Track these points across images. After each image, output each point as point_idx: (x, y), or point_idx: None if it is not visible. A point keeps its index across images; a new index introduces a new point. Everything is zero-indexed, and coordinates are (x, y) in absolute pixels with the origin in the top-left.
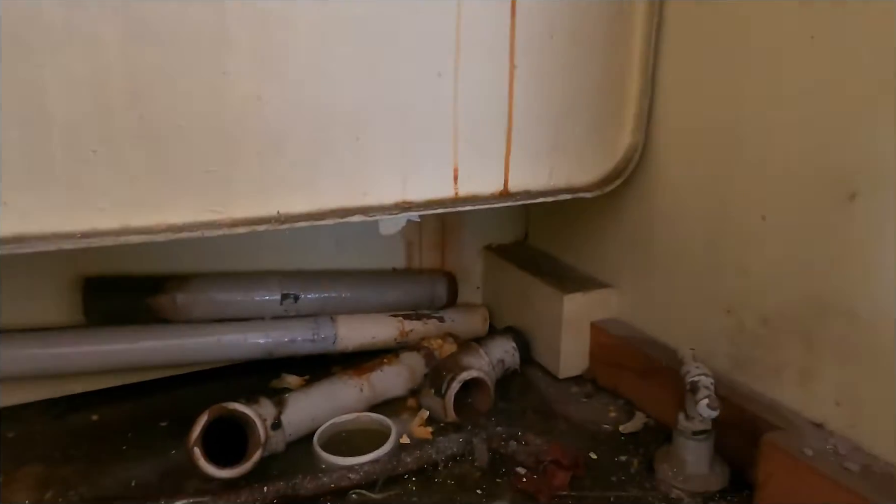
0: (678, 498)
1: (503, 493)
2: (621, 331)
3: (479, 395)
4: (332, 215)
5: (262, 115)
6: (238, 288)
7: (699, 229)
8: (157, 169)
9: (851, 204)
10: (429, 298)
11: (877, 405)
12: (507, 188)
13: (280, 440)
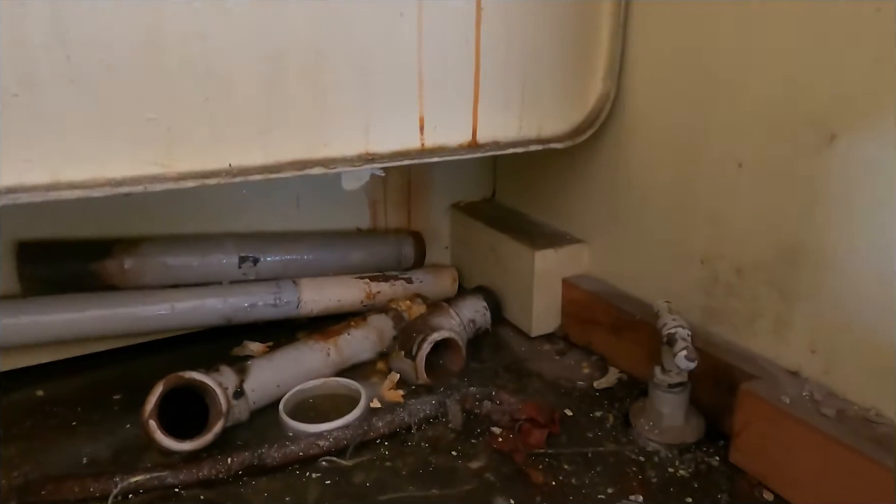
0: (655, 451)
1: (479, 453)
2: (593, 286)
3: (450, 356)
4: (290, 168)
5: (207, 56)
6: (192, 251)
7: (673, 180)
8: (90, 116)
9: (829, 148)
10: (395, 259)
11: (850, 351)
12: (476, 139)
13: (243, 409)
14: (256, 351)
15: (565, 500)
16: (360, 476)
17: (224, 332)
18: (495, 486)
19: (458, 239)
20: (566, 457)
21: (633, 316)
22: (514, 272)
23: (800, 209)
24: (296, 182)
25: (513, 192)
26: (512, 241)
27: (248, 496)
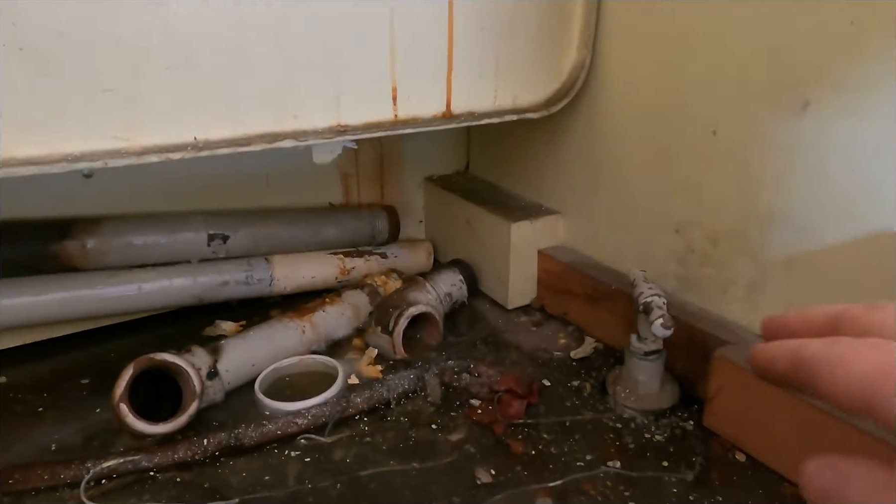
0: (631, 417)
1: (459, 426)
2: (569, 257)
3: (427, 331)
4: (259, 141)
5: (167, 22)
6: (158, 229)
7: (648, 149)
8: (43, 87)
9: (804, 114)
10: (369, 234)
11: None
12: (450, 109)
13: (218, 389)
14: (229, 330)
15: (545, 468)
16: (339, 453)
17: (195, 311)
18: (476, 457)
19: (433, 212)
20: (545, 426)
21: (609, 286)
22: (489, 245)
23: (774, 176)
24: (265, 157)
25: (487, 165)
26: (487, 214)
27: (225, 477)
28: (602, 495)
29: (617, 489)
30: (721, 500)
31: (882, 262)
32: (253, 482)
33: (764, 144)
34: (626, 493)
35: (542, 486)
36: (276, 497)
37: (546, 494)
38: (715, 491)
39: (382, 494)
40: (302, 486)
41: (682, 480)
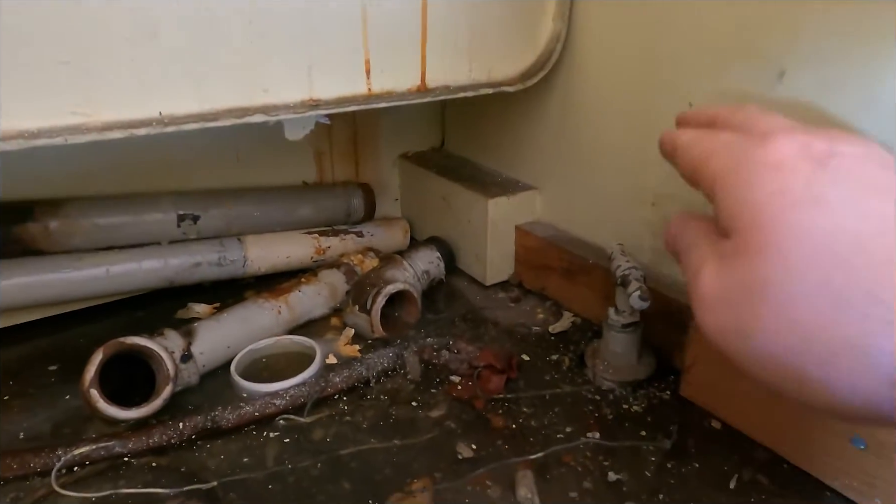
0: (609, 389)
1: (439, 402)
2: (546, 233)
3: (405, 309)
4: (228, 115)
5: None
6: (125, 210)
7: (624, 122)
8: None
9: (779, 83)
10: (345, 213)
11: None
12: (425, 83)
13: (193, 372)
14: (203, 313)
15: (525, 441)
16: (319, 432)
17: (166, 294)
18: (456, 432)
19: (409, 190)
20: (525, 400)
21: (586, 260)
22: (466, 222)
23: None
24: (235, 134)
25: (462, 141)
26: (464, 190)
27: (203, 460)
28: (582, 466)
29: (596, 459)
30: (697, 467)
31: None
32: (231, 464)
33: None
34: (606, 462)
35: (523, 459)
36: (256, 478)
37: (527, 467)
38: (691, 458)
39: (363, 472)
40: (282, 467)
41: (659, 448)
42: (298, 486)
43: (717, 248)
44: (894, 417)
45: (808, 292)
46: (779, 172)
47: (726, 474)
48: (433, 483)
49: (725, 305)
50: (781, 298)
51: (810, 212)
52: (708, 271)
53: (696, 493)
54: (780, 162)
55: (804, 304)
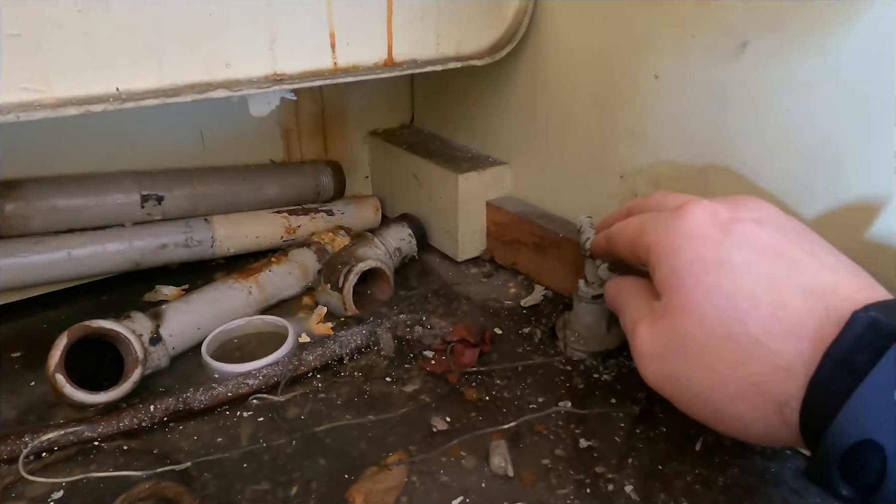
0: (580, 359)
1: (413, 377)
2: (517, 208)
3: (378, 286)
4: (189, 91)
5: None
6: (86, 192)
7: (592, 95)
8: None
9: (741, 55)
10: (314, 191)
11: None
12: (392, 57)
13: (162, 355)
14: (171, 295)
15: (499, 412)
16: (294, 410)
17: (133, 277)
18: (431, 406)
19: (379, 167)
20: (498, 372)
21: (556, 234)
22: (437, 198)
23: (713, 118)
24: (198, 111)
25: (432, 117)
26: (434, 167)
27: (175, 441)
28: (554, 434)
29: (568, 427)
30: (665, 431)
31: (813, 196)
32: (205, 445)
33: (703, 86)
34: (577, 430)
35: (497, 429)
36: (231, 458)
37: (500, 436)
38: (659, 422)
39: (339, 448)
40: (256, 446)
41: (628, 415)
42: (274, 464)
43: (650, 307)
44: (785, 438)
45: (716, 344)
46: (694, 241)
47: (692, 437)
48: (408, 456)
49: (658, 356)
50: (698, 349)
51: (718, 275)
52: (642, 328)
53: (664, 456)
54: (694, 231)
55: (714, 354)
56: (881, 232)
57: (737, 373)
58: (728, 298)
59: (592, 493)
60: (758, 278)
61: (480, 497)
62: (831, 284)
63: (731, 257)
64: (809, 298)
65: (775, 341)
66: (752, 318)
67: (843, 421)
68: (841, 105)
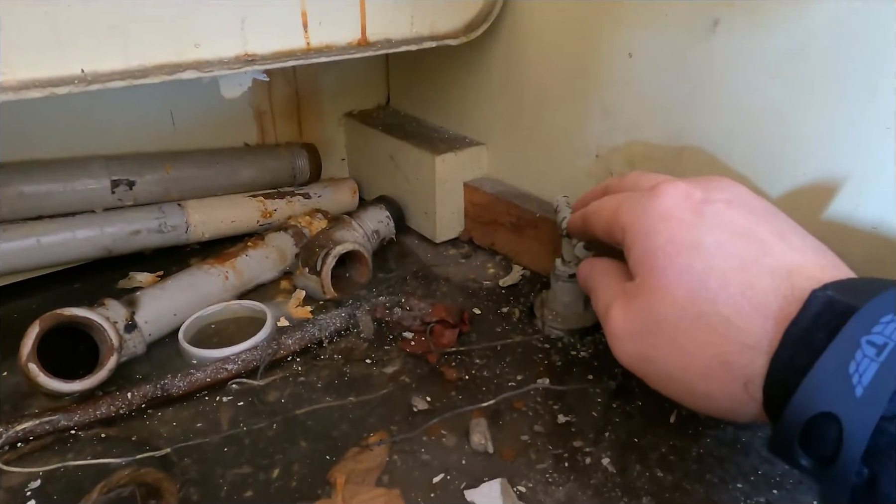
0: (558, 337)
1: (393, 359)
2: (494, 188)
3: (356, 269)
4: (157, 72)
5: None
6: (53, 177)
7: (567, 74)
8: None
9: (713, 33)
10: (290, 174)
11: None
12: (366, 36)
13: (138, 342)
14: (145, 282)
15: (478, 390)
16: (274, 394)
17: (105, 265)
18: (411, 386)
19: (355, 149)
20: (477, 352)
21: (534, 214)
22: (414, 179)
23: (686, 96)
24: (169, 95)
25: (408, 98)
26: (411, 148)
27: (154, 428)
28: (532, 410)
29: (546, 403)
30: (641, 405)
31: (780, 175)
32: (185, 430)
33: (676, 65)
34: (555, 406)
35: (476, 407)
36: (211, 442)
37: (480, 414)
38: (635, 397)
39: (320, 430)
40: (237, 430)
41: (605, 390)
42: (255, 447)
43: (623, 289)
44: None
45: (688, 324)
46: (667, 222)
47: (667, 411)
48: (389, 436)
49: (631, 337)
50: (670, 330)
51: (689, 256)
52: (616, 309)
53: (640, 429)
54: (668, 212)
55: (686, 334)
56: (840, 211)
57: (707, 352)
58: (699, 279)
59: (570, 467)
60: (728, 259)
61: (461, 474)
62: (798, 265)
63: (702, 238)
64: (776, 278)
65: (743, 320)
66: (722, 298)
67: (801, 396)
68: (807, 85)
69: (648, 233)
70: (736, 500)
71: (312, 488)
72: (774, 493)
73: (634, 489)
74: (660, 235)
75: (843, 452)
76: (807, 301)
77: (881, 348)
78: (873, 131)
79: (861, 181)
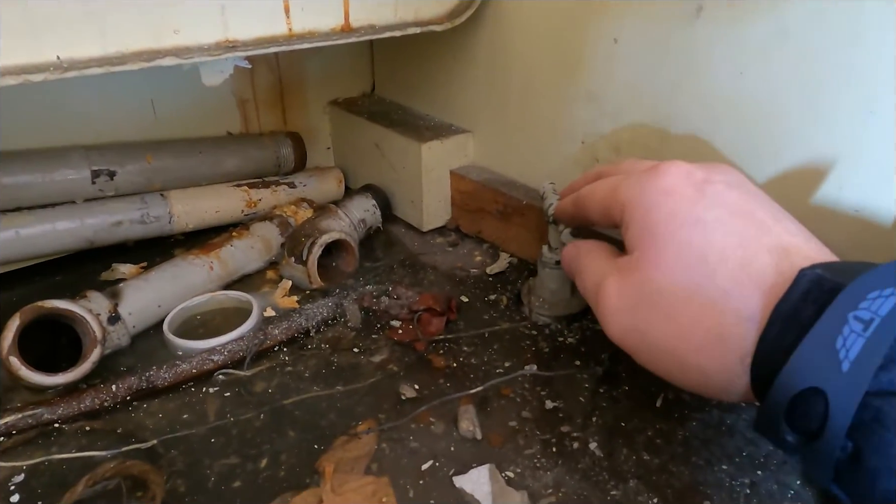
0: (545, 324)
1: (381, 348)
2: (481, 176)
3: (343, 258)
4: (136, 59)
5: None
6: (31, 168)
7: (553, 60)
8: None
9: (697, 19)
10: (274, 164)
11: None
12: (349, 22)
13: (122, 334)
14: (129, 273)
15: (466, 378)
16: (261, 384)
17: (87, 256)
18: (399, 374)
19: (340, 138)
20: (465, 340)
21: (520, 201)
22: (401, 168)
23: (671, 82)
24: (149, 83)
25: (393, 86)
26: (397, 136)
27: (140, 420)
28: (520, 396)
29: (534, 389)
30: (627, 389)
31: (767, 159)
32: (171, 422)
33: (661, 51)
34: (543, 392)
35: (464, 394)
36: (198, 434)
37: (468, 402)
38: (622, 382)
39: (308, 419)
40: (224, 421)
41: (592, 376)
42: (242, 438)
43: (615, 265)
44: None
45: (686, 297)
46: (670, 197)
47: (653, 395)
48: (378, 424)
49: (626, 311)
50: (667, 303)
51: (690, 231)
52: (610, 284)
53: (627, 413)
54: (671, 188)
55: (684, 306)
56: (824, 196)
57: (703, 324)
58: (699, 253)
59: (558, 452)
60: (728, 236)
61: (450, 460)
62: (794, 245)
63: (703, 215)
64: (774, 255)
65: (742, 292)
66: (720, 271)
67: (789, 371)
68: (791, 70)
69: (649, 208)
70: (721, 481)
71: (301, 478)
72: (759, 475)
73: (621, 472)
74: (661, 210)
75: (829, 427)
76: (796, 278)
77: (868, 323)
78: (857, 115)
79: (844, 165)
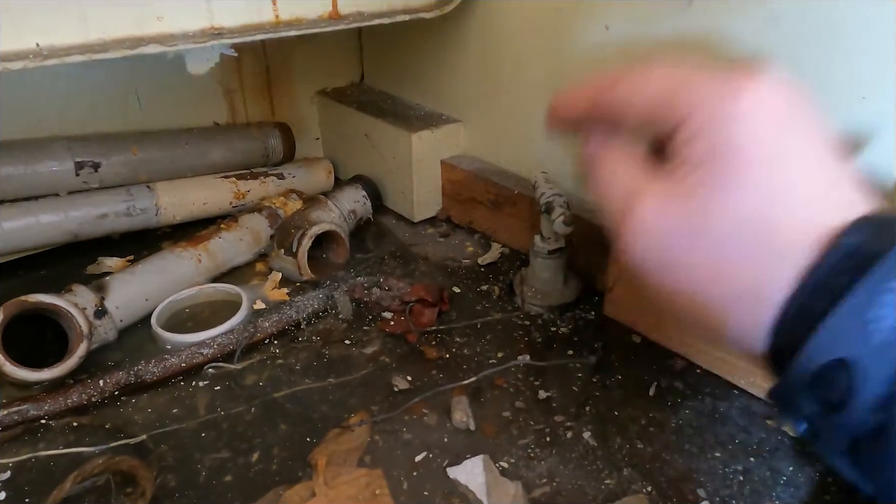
0: (538, 314)
1: (372, 340)
2: (472, 165)
3: (334, 249)
4: (118, 46)
5: None
6: (14, 160)
7: (543, 47)
8: None
9: (690, 7)
10: (262, 154)
11: None
12: (337, 9)
13: (109, 328)
14: (115, 267)
15: (459, 369)
16: (251, 378)
17: (73, 250)
18: (391, 366)
19: (330, 128)
20: (457, 330)
21: (512, 191)
22: (391, 158)
23: None
24: (133, 73)
25: (382, 75)
26: (387, 126)
27: (129, 415)
28: (513, 387)
29: (527, 380)
30: (620, 378)
31: None
32: (160, 416)
33: (652, 38)
34: (536, 382)
35: (457, 385)
36: (188, 428)
37: (461, 392)
38: (615, 370)
39: (299, 412)
40: (214, 415)
41: (585, 365)
42: (233, 432)
43: (659, 180)
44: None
45: (742, 243)
46: (766, 116)
47: (646, 383)
48: (370, 416)
49: (661, 237)
50: (718, 243)
51: (771, 167)
52: (648, 202)
53: (620, 402)
54: (770, 105)
55: (733, 248)
56: None
57: (747, 274)
58: (773, 193)
59: (552, 442)
60: (805, 183)
61: (443, 452)
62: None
63: (788, 149)
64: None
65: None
66: (786, 223)
67: (818, 340)
68: (783, 56)
69: (737, 120)
70: (714, 468)
71: (293, 471)
72: (751, 461)
73: (615, 461)
74: (747, 131)
75: (856, 399)
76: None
77: None
78: (849, 99)
79: None
